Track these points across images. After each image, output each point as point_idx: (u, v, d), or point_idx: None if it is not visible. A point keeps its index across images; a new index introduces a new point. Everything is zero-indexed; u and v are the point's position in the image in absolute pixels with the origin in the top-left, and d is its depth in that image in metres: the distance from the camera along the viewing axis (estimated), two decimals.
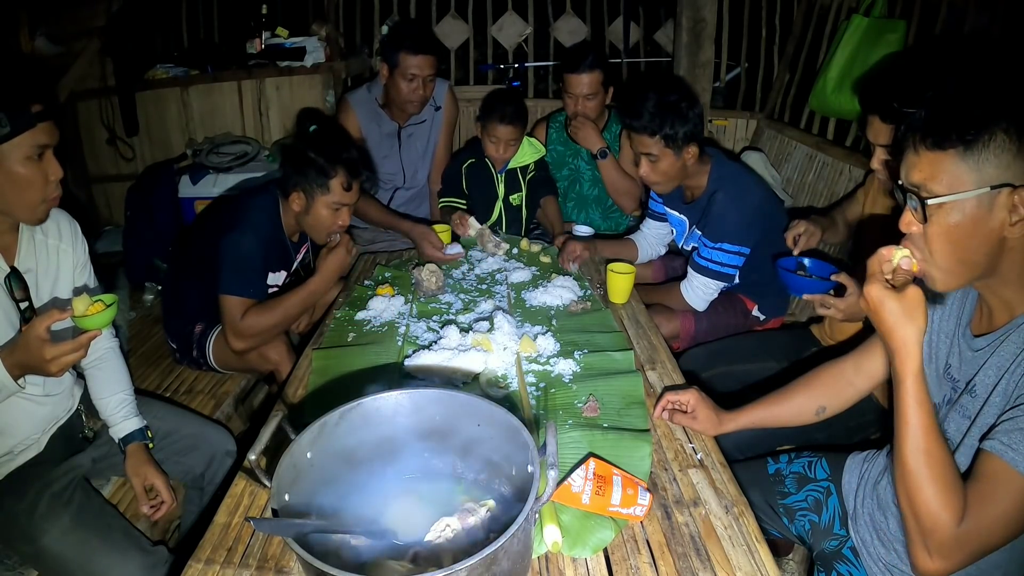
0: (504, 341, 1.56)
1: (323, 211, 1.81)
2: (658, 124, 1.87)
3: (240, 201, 1.91)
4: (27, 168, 1.21)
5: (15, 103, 1.18)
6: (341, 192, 1.80)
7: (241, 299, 1.77)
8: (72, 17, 3.15)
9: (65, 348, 1.16)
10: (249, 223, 1.81)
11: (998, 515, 0.86)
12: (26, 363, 1.17)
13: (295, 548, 0.74)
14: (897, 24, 2.51)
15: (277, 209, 1.89)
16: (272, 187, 1.90)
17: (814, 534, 1.33)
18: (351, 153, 1.83)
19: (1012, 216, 0.85)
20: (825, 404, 1.30)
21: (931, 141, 0.87)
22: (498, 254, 2.18)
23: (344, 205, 1.82)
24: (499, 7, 3.57)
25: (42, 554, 1.30)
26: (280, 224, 1.90)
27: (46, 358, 1.15)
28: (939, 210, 0.88)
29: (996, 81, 0.87)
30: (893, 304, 0.91)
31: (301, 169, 1.79)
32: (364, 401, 1.00)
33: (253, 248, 1.79)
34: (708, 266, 2.00)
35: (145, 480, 1.48)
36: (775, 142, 3.09)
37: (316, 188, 1.79)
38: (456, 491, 1.05)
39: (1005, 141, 0.83)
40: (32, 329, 1.15)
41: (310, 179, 1.78)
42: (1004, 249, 0.88)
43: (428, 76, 2.41)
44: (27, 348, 1.15)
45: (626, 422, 1.33)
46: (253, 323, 1.77)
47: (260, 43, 3.25)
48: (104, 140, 3.32)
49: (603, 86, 2.47)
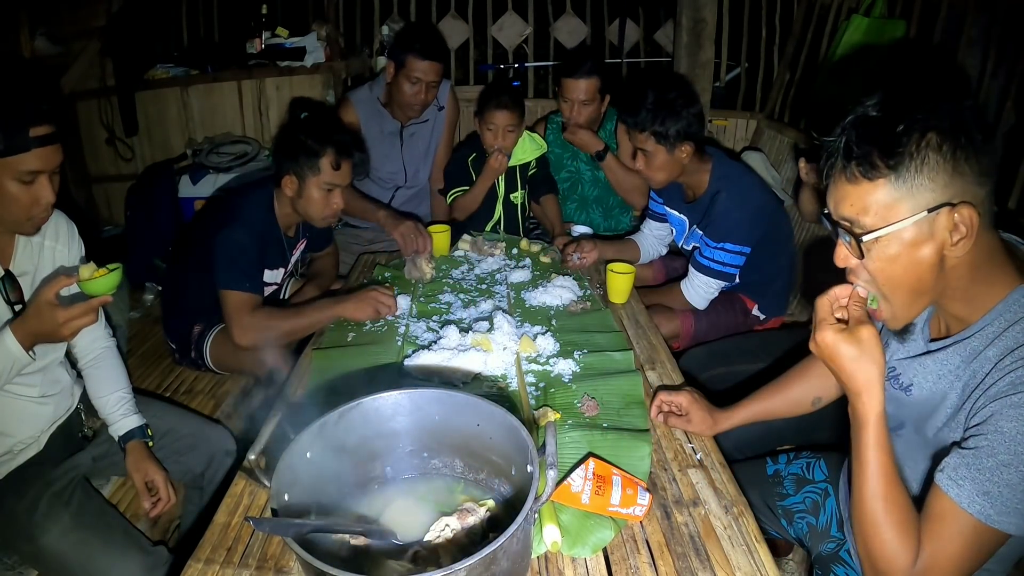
0: (504, 341, 1.56)
1: (315, 192, 1.82)
2: (649, 120, 1.88)
3: (233, 198, 1.92)
4: (16, 188, 1.20)
5: (13, 123, 1.17)
6: (331, 172, 1.80)
7: (241, 294, 1.76)
8: (72, 17, 3.16)
9: (76, 311, 1.18)
10: (242, 218, 1.81)
11: (950, 555, 0.84)
12: (38, 330, 1.19)
13: (295, 548, 0.74)
14: (897, 24, 2.51)
15: (271, 203, 1.89)
16: (265, 181, 1.91)
17: (812, 537, 1.33)
18: (341, 135, 1.85)
19: (953, 236, 0.80)
20: (820, 395, 1.29)
21: (858, 171, 0.81)
22: (496, 254, 2.18)
23: (335, 186, 1.83)
24: (499, 7, 3.56)
25: (42, 553, 1.31)
26: (274, 218, 1.90)
27: (59, 321, 1.17)
28: (876, 244, 0.83)
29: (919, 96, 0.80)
30: (849, 348, 0.86)
31: (292, 153, 1.80)
32: (364, 401, 0.99)
33: (247, 242, 1.79)
34: (710, 265, 2.00)
35: (146, 476, 1.48)
36: (775, 142, 3.09)
37: (306, 170, 1.80)
38: (456, 491, 1.05)
39: (939, 161, 0.78)
40: (41, 295, 1.17)
41: (300, 162, 1.79)
42: (946, 268, 0.84)
43: (432, 82, 2.41)
44: (38, 314, 1.17)
45: (626, 422, 1.33)
46: (260, 320, 1.76)
47: (260, 43, 3.25)
48: (104, 140, 3.32)
49: (599, 92, 2.45)
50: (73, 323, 1.18)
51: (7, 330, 1.19)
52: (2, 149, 1.16)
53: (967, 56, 2.35)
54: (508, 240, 2.30)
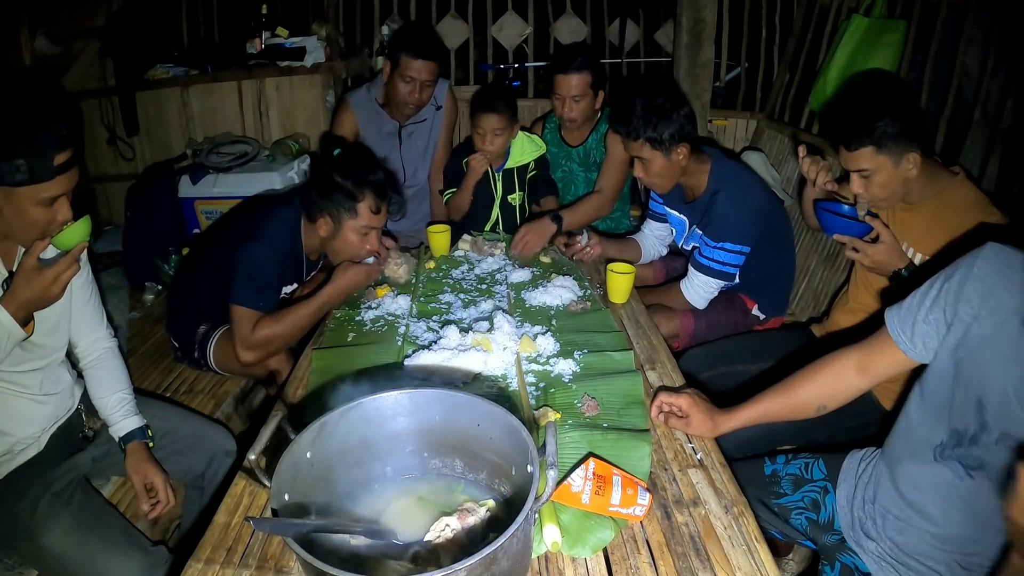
0: (504, 341, 1.56)
1: (351, 236, 1.79)
2: (641, 128, 1.88)
3: (261, 210, 1.87)
4: (37, 212, 1.22)
5: (39, 153, 1.17)
6: (369, 216, 1.77)
7: (252, 311, 1.73)
8: (72, 17, 3.16)
9: (60, 266, 1.23)
10: (268, 236, 1.77)
11: None
12: (28, 298, 1.22)
13: (295, 548, 0.74)
14: (897, 24, 2.51)
15: (299, 225, 1.84)
16: (295, 200, 1.86)
17: (813, 529, 1.33)
18: (378, 175, 1.81)
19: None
20: (825, 403, 1.28)
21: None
22: (496, 254, 2.18)
23: (372, 228, 1.80)
24: (499, 7, 3.56)
25: (42, 553, 1.31)
26: (300, 241, 1.86)
27: (47, 280, 1.21)
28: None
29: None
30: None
31: (327, 194, 1.76)
32: (364, 401, 1.00)
33: (271, 262, 1.75)
34: (710, 265, 2.00)
35: (145, 478, 1.48)
36: (775, 142, 3.09)
37: (344, 212, 1.76)
38: (456, 491, 1.05)
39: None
40: (24, 263, 1.21)
41: (337, 204, 1.75)
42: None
43: (426, 81, 2.40)
44: (26, 280, 1.21)
45: (626, 422, 1.33)
46: (263, 336, 1.72)
47: (260, 43, 3.25)
48: (104, 140, 3.32)
49: (592, 88, 2.42)
50: (61, 277, 1.23)
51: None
52: (27, 178, 1.17)
53: (967, 56, 2.35)
54: (508, 240, 2.30)
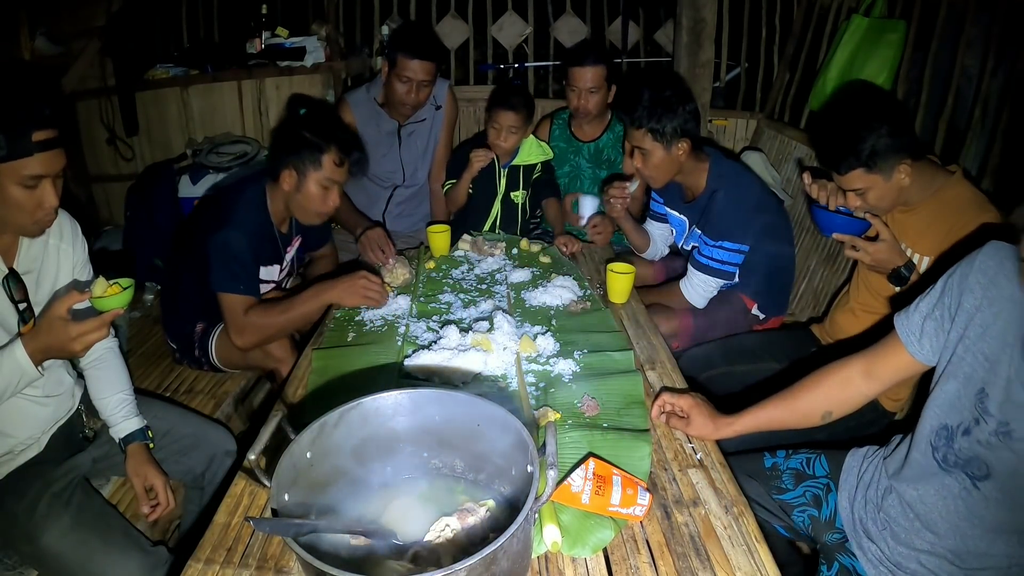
0: (504, 341, 1.56)
1: (313, 188, 1.82)
2: (645, 118, 1.89)
3: (225, 196, 1.91)
4: (19, 193, 1.20)
5: (17, 128, 1.16)
6: (333, 168, 1.81)
7: (236, 296, 1.76)
8: (72, 17, 3.15)
9: (89, 326, 1.18)
10: (235, 219, 1.80)
11: None
12: (49, 345, 1.19)
13: (295, 548, 0.74)
14: (897, 24, 2.51)
15: (263, 200, 1.88)
16: (259, 176, 1.90)
17: (815, 527, 1.33)
18: (343, 132, 1.86)
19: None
20: (831, 409, 1.26)
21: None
22: (496, 254, 2.18)
23: (334, 183, 1.84)
24: (499, 7, 3.56)
25: (42, 554, 1.31)
26: (268, 216, 1.89)
27: (71, 336, 1.17)
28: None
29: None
30: None
31: (293, 148, 1.80)
32: (364, 401, 1.00)
33: (241, 244, 1.78)
34: (709, 264, 2.01)
35: (145, 480, 1.48)
36: (775, 142, 3.09)
37: (308, 164, 1.79)
38: (456, 491, 1.05)
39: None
40: (53, 310, 1.17)
41: (303, 156, 1.79)
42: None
43: (423, 81, 2.40)
44: (50, 329, 1.17)
45: (626, 422, 1.33)
46: (255, 321, 1.77)
47: (260, 43, 3.25)
48: (104, 140, 3.31)
49: (607, 82, 2.47)
50: (85, 338, 1.18)
51: (18, 343, 1.19)
52: (5, 154, 1.16)
53: (967, 56, 2.35)
54: (508, 240, 2.30)
